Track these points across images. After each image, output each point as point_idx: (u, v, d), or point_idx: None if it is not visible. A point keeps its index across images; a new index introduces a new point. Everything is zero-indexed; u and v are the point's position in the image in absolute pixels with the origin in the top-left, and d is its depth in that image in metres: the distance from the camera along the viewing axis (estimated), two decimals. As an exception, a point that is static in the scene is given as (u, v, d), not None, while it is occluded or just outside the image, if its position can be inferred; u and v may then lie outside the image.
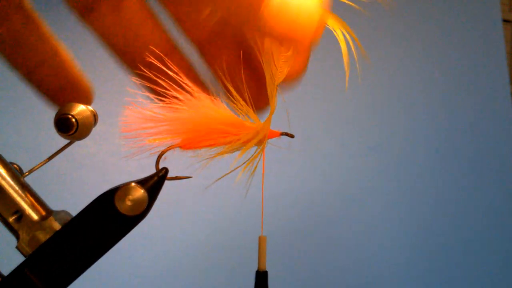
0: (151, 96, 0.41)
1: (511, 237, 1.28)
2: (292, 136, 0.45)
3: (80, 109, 0.34)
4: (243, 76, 0.40)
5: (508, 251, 1.28)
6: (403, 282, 1.21)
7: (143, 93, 0.41)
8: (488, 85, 1.35)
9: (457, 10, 1.35)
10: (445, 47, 1.33)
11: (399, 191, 1.24)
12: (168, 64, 0.41)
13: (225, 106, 0.42)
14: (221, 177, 0.44)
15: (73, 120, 0.34)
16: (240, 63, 0.38)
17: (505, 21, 1.59)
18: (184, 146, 0.40)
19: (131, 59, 0.39)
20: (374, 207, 1.22)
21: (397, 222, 1.23)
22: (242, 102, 0.41)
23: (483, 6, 1.37)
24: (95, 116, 0.36)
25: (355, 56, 0.46)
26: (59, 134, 0.35)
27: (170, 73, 0.41)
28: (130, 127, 0.38)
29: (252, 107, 0.43)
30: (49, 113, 0.39)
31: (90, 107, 0.35)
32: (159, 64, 0.41)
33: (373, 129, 1.25)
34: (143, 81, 0.39)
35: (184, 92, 0.40)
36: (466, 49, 1.35)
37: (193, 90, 0.41)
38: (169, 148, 0.39)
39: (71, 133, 0.34)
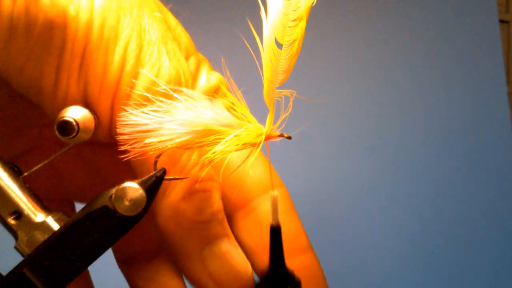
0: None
1: (510, 236, 1.29)
2: (289, 137, 0.45)
3: (81, 113, 0.34)
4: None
5: (508, 251, 1.28)
6: (401, 282, 1.21)
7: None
8: (485, 85, 1.35)
9: (454, 10, 1.36)
10: (442, 47, 1.33)
11: (397, 191, 1.25)
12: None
13: (223, 107, 0.42)
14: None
15: (74, 123, 0.34)
16: None
17: (502, 21, 1.59)
18: (181, 147, 0.40)
19: None
20: (372, 208, 1.23)
21: (395, 222, 1.23)
22: (239, 104, 0.41)
23: (480, 7, 1.38)
24: (95, 119, 0.36)
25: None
26: (59, 137, 0.35)
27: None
28: (127, 128, 0.38)
29: None
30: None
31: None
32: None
33: (370, 130, 1.26)
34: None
35: (182, 94, 0.40)
36: (463, 49, 1.35)
37: (191, 91, 0.41)
38: (166, 149, 0.39)
39: (71, 136, 0.34)
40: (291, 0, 0.38)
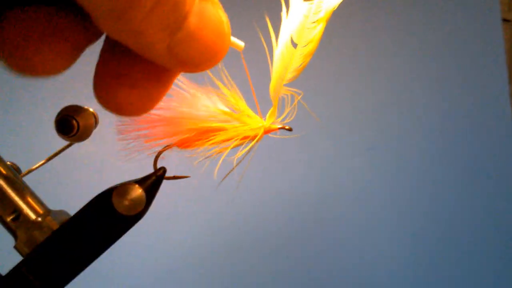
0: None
1: (509, 236, 1.29)
2: (290, 129, 0.45)
3: (81, 111, 0.34)
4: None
5: (507, 250, 1.28)
6: (401, 281, 1.21)
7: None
8: (487, 84, 1.35)
9: (457, 9, 1.35)
10: (445, 46, 1.33)
11: (397, 191, 1.24)
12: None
13: (222, 103, 0.42)
14: (227, 175, 0.43)
15: (74, 122, 0.34)
16: None
17: (505, 20, 1.59)
18: (181, 145, 0.40)
19: None
20: (372, 207, 1.22)
21: (395, 221, 1.23)
22: (237, 98, 0.41)
23: (483, 6, 1.37)
24: (95, 118, 0.36)
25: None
26: (60, 136, 0.34)
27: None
28: (127, 127, 0.37)
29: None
30: (49, 113, 0.38)
31: (91, 109, 0.35)
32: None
33: (371, 130, 1.25)
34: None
35: (180, 90, 0.39)
36: (465, 48, 1.35)
37: (189, 87, 0.40)
38: (166, 148, 0.39)
39: (71, 135, 0.34)
40: (313, 3, 0.37)
